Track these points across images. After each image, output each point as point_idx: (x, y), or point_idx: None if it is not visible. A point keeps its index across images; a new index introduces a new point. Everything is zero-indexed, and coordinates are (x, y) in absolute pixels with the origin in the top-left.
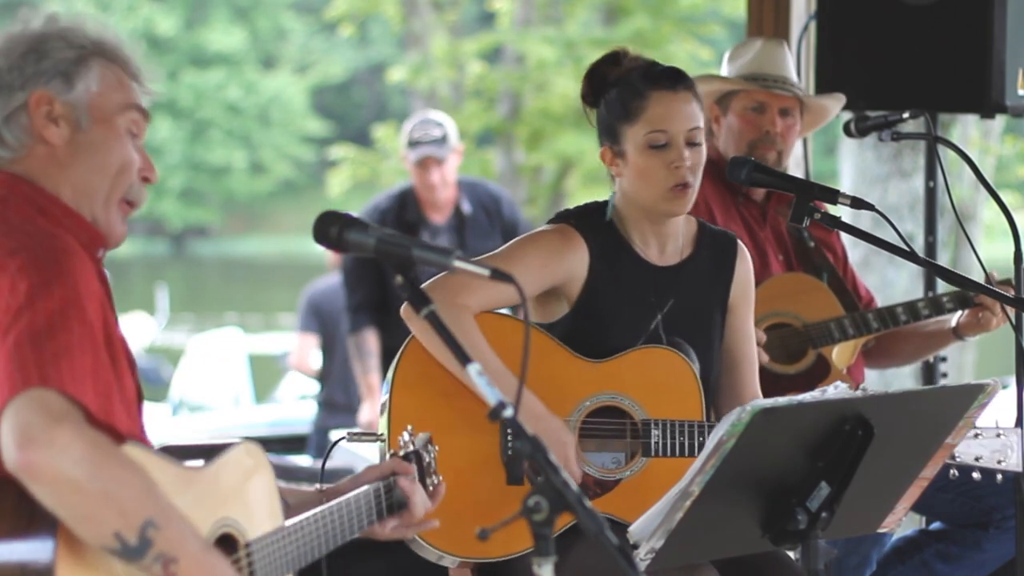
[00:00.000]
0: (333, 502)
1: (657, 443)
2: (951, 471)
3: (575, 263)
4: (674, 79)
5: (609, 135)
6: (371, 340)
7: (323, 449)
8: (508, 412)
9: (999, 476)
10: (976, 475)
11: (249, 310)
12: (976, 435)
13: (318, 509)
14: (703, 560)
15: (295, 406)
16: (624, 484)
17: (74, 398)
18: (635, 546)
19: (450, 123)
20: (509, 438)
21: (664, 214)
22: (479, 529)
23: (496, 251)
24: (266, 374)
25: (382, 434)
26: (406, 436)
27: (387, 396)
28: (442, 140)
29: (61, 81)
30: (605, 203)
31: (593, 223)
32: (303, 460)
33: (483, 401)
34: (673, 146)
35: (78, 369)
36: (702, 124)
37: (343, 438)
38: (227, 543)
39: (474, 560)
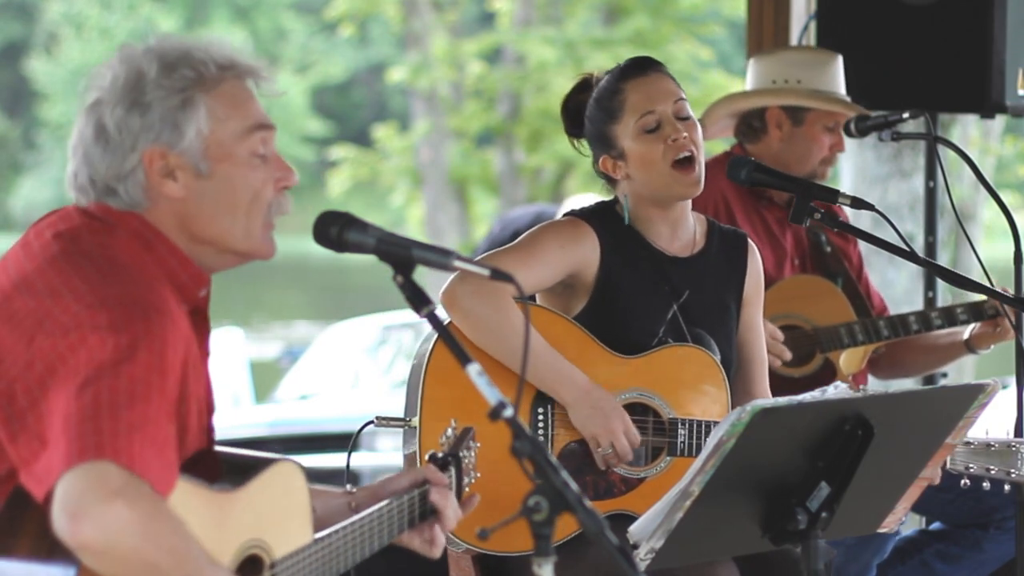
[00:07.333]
0: (361, 515)
1: (683, 443)
2: (963, 481)
3: (588, 249)
4: (643, 65)
5: (603, 144)
6: None
7: None
8: (508, 412)
9: (1007, 487)
10: (986, 485)
11: (249, 310)
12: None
13: (346, 522)
14: (702, 560)
15: (295, 406)
16: (648, 482)
17: (136, 474)
18: (635, 546)
19: None
20: (540, 429)
21: (676, 197)
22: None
23: (512, 243)
24: (266, 374)
25: (411, 420)
26: (449, 432)
27: (420, 385)
28: None
29: (170, 132)
30: (612, 202)
31: (602, 217)
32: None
33: (513, 393)
34: (666, 122)
35: (148, 445)
36: (685, 96)
37: (370, 423)
38: (255, 564)
39: (502, 554)
